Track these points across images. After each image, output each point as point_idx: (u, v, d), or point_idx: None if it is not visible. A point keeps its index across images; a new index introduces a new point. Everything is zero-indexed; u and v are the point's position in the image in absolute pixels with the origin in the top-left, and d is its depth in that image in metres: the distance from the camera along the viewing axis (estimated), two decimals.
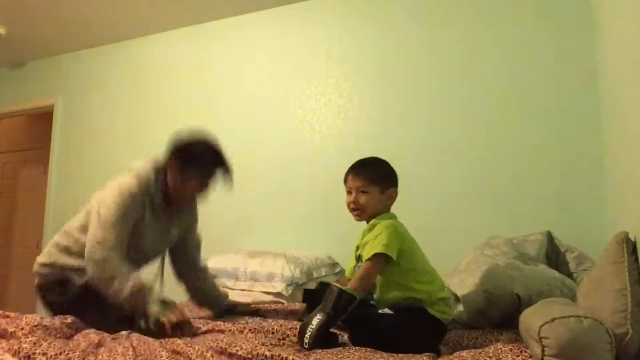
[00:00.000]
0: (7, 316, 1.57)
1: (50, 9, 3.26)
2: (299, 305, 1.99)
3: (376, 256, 1.42)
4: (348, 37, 2.99)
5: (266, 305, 2.00)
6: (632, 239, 1.39)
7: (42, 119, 4.36)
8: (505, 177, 2.49)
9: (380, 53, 2.88)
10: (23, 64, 4.14)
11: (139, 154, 1.90)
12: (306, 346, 1.29)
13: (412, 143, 2.71)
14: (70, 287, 1.68)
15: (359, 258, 1.56)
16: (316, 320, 1.32)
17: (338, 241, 2.80)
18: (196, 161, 1.65)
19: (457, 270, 2.04)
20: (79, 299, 1.66)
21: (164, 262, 1.91)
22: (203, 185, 1.70)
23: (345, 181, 1.67)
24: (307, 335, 1.30)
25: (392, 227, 1.47)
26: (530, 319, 1.26)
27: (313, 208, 2.92)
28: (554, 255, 2.10)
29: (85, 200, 1.82)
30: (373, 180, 1.60)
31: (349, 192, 1.62)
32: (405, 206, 2.69)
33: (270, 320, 1.71)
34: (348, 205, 1.61)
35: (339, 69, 2.98)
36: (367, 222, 1.59)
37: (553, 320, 1.14)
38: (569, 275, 1.92)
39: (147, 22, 3.46)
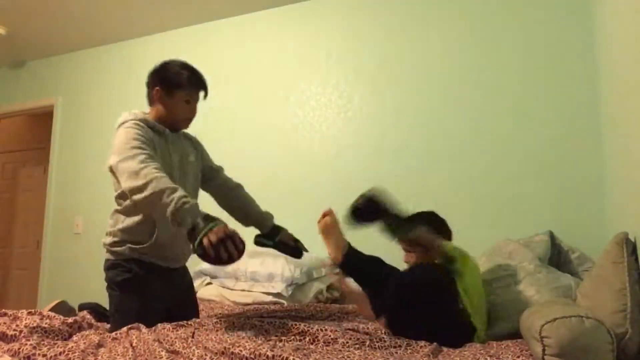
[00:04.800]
0: (5, 314, 1.57)
1: (50, 9, 3.26)
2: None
3: None
4: (348, 37, 2.99)
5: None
6: (632, 240, 1.40)
7: (42, 119, 4.37)
8: (505, 177, 2.49)
9: (380, 53, 2.88)
10: (23, 64, 4.14)
11: None
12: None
13: (412, 143, 2.71)
14: (133, 265, 1.69)
15: None
16: None
17: None
18: (177, 79, 1.76)
19: None
20: (140, 278, 1.69)
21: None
22: (188, 100, 1.80)
23: None
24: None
25: None
26: (532, 318, 1.26)
27: (313, 208, 2.90)
28: (556, 256, 2.10)
29: (86, 201, 1.83)
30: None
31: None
32: (406, 206, 2.70)
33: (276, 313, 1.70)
34: None
35: (339, 69, 2.98)
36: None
37: (554, 320, 1.14)
38: (573, 274, 1.91)
39: (147, 22, 3.46)
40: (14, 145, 5.12)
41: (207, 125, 3.29)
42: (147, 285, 1.69)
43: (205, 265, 2.58)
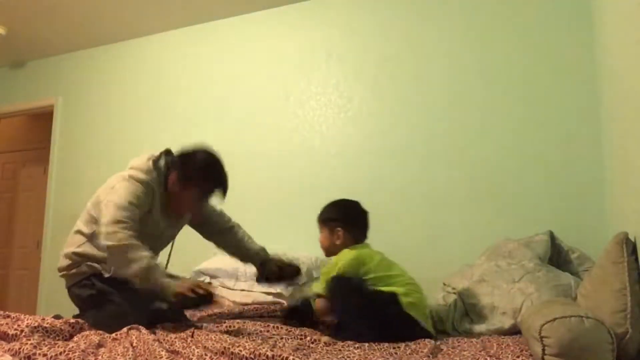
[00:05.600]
0: (8, 316, 1.57)
1: (50, 9, 3.26)
2: None
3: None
4: (348, 37, 2.99)
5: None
6: (632, 239, 1.39)
7: (42, 119, 4.36)
8: (505, 177, 2.49)
9: (380, 53, 2.88)
10: (23, 64, 4.14)
11: (140, 154, 1.90)
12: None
13: (412, 143, 2.71)
14: (94, 280, 1.71)
15: None
16: None
17: None
18: (197, 178, 1.76)
19: (467, 275, 1.99)
20: (104, 291, 1.70)
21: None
22: (199, 200, 1.82)
23: None
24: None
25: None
26: (532, 318, 1.26)
27: (313, 208, 2.90)
28: (556, 255, 2.10)
29: (86, 201, 1.83)
30: (323, 221, 1.87)
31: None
32: (406, 206, 2.70)
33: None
34: None
35: (339, 69, 2.98)
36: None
37: (554, 319, 1.14)
38: (573, 274, 1.91)
39: (147, 22, 3.46)
40: (14, 145, 5.12)
41: (206, 125, 3.29)
42: (114, 297, 1.68)
43: (205, 265, 2.59)
